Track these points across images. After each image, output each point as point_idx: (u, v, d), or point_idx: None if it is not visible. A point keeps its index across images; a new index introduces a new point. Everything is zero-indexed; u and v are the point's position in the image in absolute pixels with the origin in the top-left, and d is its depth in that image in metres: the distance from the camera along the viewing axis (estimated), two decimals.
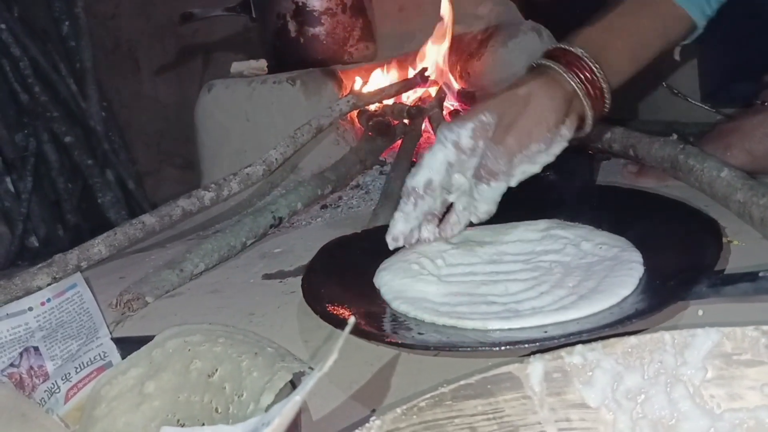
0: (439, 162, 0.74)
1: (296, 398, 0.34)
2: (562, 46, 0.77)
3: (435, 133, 0.77)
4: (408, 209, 0.76)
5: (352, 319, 0.39)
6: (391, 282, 0.72)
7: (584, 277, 0.66)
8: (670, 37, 0.85)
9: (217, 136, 1.51)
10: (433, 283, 0.70)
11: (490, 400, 0.40)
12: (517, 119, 0.71)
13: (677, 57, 0.95)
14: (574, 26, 0.86)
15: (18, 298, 0.82)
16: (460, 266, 0.74)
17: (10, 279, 0.93)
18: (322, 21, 1.51)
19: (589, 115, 0.76)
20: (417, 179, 0.75)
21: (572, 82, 0.74)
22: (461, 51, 1.59)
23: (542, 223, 0.80)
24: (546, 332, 0.57)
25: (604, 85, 0.76)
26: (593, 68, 0.75)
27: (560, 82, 0.74)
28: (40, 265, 0.96)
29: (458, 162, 0.74)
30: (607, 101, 0.77)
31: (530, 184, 0.77)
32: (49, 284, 0.87)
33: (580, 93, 0.74)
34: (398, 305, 0.67)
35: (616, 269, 0.65)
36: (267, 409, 0.47)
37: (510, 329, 0.59)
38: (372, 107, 1.46)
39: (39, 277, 0.93)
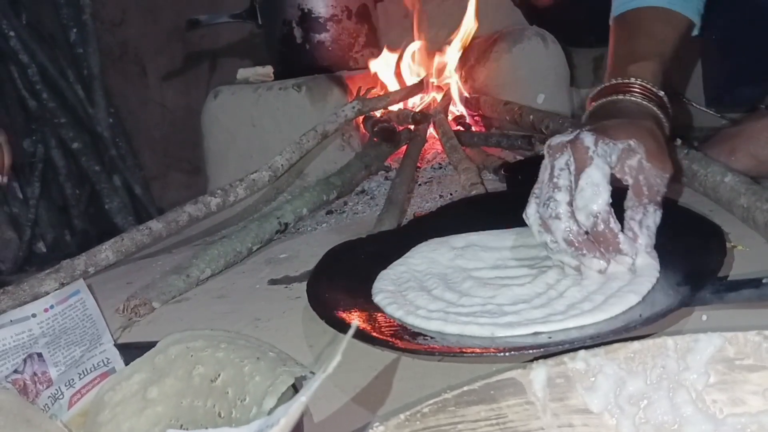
0: (607, 178, 0.67)
1: (301, 399, 0.35)
2: (625, 81, 0.81)
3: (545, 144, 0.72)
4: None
5: (355, 323, 0.39)
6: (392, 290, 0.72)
7: (591, 284, 0.66)
8: (684, 39, 0.91)
9: (224, 142, 1.51)
10: (437, 289, 0.70)
11: (493, 406, 0.40)
12: (660, 148, 0.71)
13: None
14: (577, 32, 0.87)
15: (26, 303, 0.83)
16: (465, 271, 0.74)
17: (18, 284, 0.94)
18: (328, 27, 1.51)
19: (667, 131, 0.81)
20: (601, 202, 0.65)
21: (656, 109, 0.79)
22: (466, 57, 1.59)
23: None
24: (550, 338, 0.57)
25: (668, 105, 0.82)
26: (662, 96, 0.81)
27: (651, 113, 0.79)
28: (47, 270, 0.97)
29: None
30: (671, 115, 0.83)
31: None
32: (56, 289, 0.88)
33: (663, 117, 0.80)
34: (401, 312, 0.67)
35: (629, 279, 0.65)
36: (270, 412, 0.47)
37: (514, 335, 0.59)
38: (377, 113, 1.46)
39: (47, 282, 0.93)
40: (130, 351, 0.64)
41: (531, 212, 0.69)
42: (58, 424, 0.55)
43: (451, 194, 1.18)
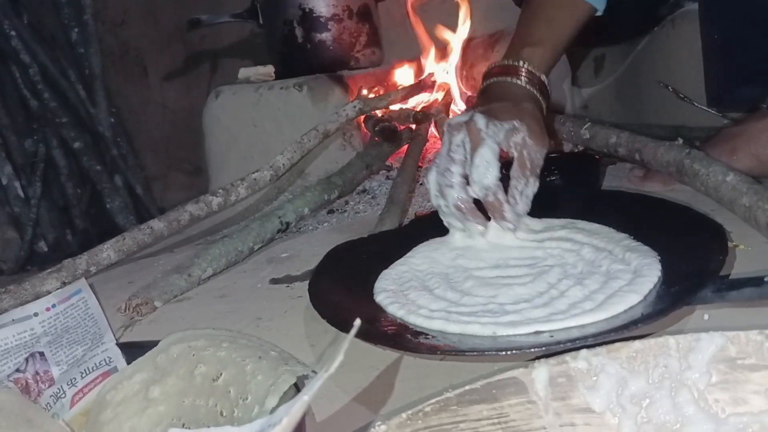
0: (497, 156, 0.78)
1: (304, 398, 0.35)
2: (510, 63, 0.92)
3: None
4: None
5: (357, 322, 0.39)
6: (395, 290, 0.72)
7: (593, 283, 0.66)
8: (579, 25, 0.99)
9: (225, 142, 1.51)
10: (438, 289, 0.71)
11: (495, 405, 0.40)
12: (539, 128, 0.82)
13: None
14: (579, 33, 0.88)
15: (27, 302, 0.83)
16: (466, 271, 0.74)
17: (19, 284, 0.94)
18: (329, 27, 1.51)
19: (544, 111, 0.92)
20: (491, 177, 0.77)
21: (536, 92, 0.90)
22: (468, 55, 1.59)
23: (545, 225, 0.80)
24: (551, 337, 0.57)
25: (548, 87, 0.93)
26: (543, 80, 0.92)
27: (531, 96, 0.90)
28: (49, 269, 0.97)
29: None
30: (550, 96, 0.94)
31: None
32: (58, 288, 0.88)
33: (542, 99, 0.91)
34: (403, 312, 0.67)
35: (630, 278, 0.65)
36: (272, 411, 0.47)
37: (516, 335, 0.59)
38: (378, 112, 1.46)
39: (48, 281, 0.93)
40: (132, 350, 0.64)
41: (431, 178, 0.82)
42: (60, 423, 0.56)
43: None
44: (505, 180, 0.79)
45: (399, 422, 0.38)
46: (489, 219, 0.79)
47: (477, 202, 0.79)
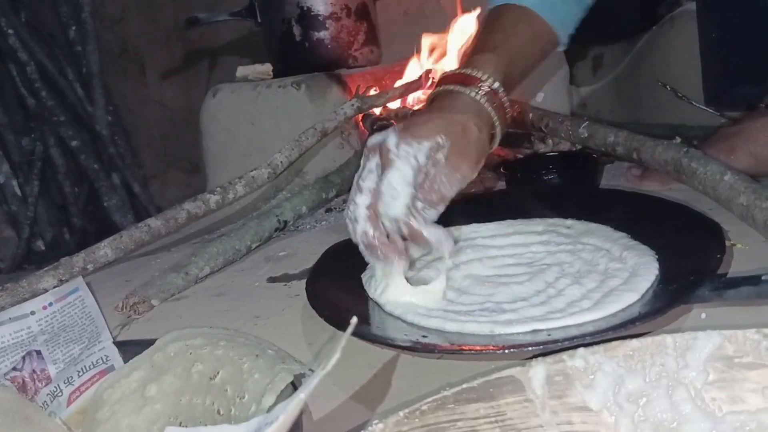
0: (407, 181, 0.68)
1: (300, 396, 0.35)
2: (467, 72, 0.78)
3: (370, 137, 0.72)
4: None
5: (354, 320, 0.39)
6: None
7: (590, 282, 0.66)
8: (544, 50, 0.88)
9: (223, 140, 1.51)
10: (436, 287, 0.70)
11: (492, 404, 0.40)
12: (465, 148, 0.71)
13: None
14: (576, 30, 0.87)
15: (24, 300, 0.83)
16: (462, 269, 0.74)
17: (16, 282, 0.94)
18: (327, 25, 1.51)
19: (499, 135, 0.78)
20: (398, 206, 0.67)
21: (491, 109, 0.76)
22: (466, 54, 1.59)
23: (543, 224, 0.80)
24: (549, 336, 0.57)
25: (508, 108, 0.78)
26: (500, 92, 0.77)
27: (481, 111, 0.75)
28: (46, 267, 0.97)
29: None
30: (508, 120, 0.79)
31: (533, 187, 0.77)
32: (55, 286, 0.88)
33: (496, 118, 0.76)
34: (400, 310, 0.67)
35: (627, 277, 0.65)
36: (269, 410, 0.47)
37: (513, 333, 0.59)
38: (377, 111, 1.46)
39: (45, 279, 0.93)
40: (129, 348, 0.64)
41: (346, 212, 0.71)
42: (57, 422, 0.55)
43: None
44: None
45: (396, 420, 0.38)
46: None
47: None
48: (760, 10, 1.05)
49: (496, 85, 0.77)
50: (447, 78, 0.80)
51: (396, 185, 0.67)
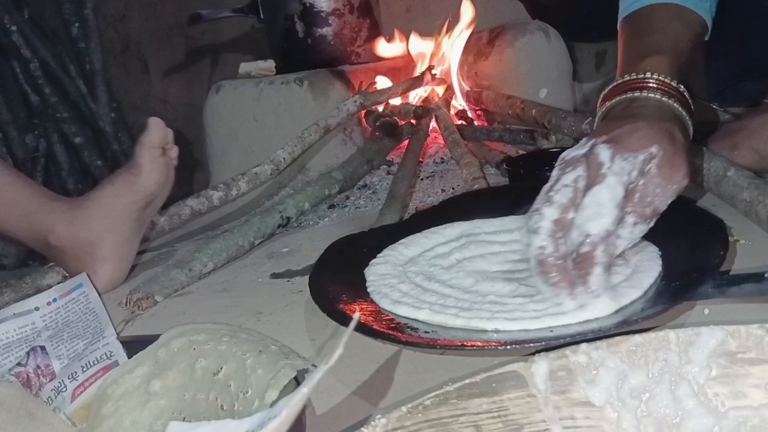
0: (615, 203, 0.61)
1: (303, 390, 0.35)
2: (645, 77, 0.73)
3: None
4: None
5: (357, 315, 0.39)
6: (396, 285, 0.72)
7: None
8: (699, 42, 0.84)
9: (226, 137, 1.51)
10: (440, 283, 0.71)
11: (495, 399, 0.40)
12: (677, 157, 0.64)
13: None
14: (580, 26, 0.86)
15: (29, 296, 0.83)
16: (466, 265, 0.74)
17: (20, 278, 0.94)
18: (330, 21, 1.51)
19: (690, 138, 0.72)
20: (599, 225, 0.60)
21: (683, 111, 0.71)
22: (468, 51, 1.59)
23: None
24: (551, 331, 0.57)
25: (693, 107, 0.73)
26: (685, 93, 0.72)
27: (677, 115, 0.71)
28: (50, 263, 0.97)
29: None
30: (695, 122, 0.74)
31: (536, 183, 0.76)
32: (59, 283, 0.88)
33: (688, 118, 0.72)
34: (403, 307, 0.67)
35: (630, 274, 0.65)
36: (272, 405, 0.47)
37: (515, 329, 0.59)
38: (379, 107, 1.46)
39: (49, 275, 0.94)
40: (133, 344, 0.64)
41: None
42: (61, 417, 0.56)
43: (453, 189, 1.18)
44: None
45: (399, 415, 0.38)
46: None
47: None
48: (763, 6, 1.05)
49: (681, 87, 0.72)
50: (620, 86, 0.75)
51: (605, 202, 0.60)
